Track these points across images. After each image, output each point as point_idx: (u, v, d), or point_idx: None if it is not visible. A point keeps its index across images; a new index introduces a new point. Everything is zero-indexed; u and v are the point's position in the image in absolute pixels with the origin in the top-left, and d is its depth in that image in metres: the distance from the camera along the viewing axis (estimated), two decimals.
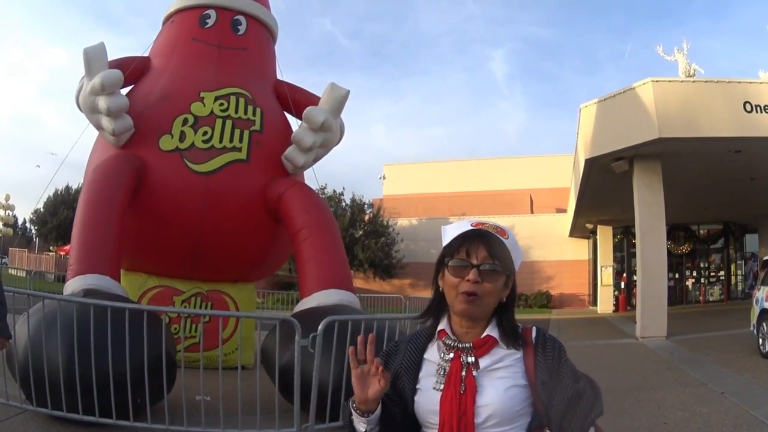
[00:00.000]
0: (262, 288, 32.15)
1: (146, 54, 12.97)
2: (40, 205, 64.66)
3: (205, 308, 11.82)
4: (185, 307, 11.65)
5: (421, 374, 2.64)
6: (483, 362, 2.53)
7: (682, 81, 22.14)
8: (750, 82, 21.18)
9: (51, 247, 64.26)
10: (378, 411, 2.50)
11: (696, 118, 20.67)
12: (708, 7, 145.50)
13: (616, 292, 42.72)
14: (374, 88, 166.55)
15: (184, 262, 11.50)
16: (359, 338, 2.58)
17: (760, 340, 16.13)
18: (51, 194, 65.95)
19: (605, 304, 42.33)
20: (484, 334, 2.57)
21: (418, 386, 2.62)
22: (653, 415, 9.99)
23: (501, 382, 2.50)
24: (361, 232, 50.00)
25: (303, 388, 7.84)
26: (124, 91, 11.73)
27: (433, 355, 2.65)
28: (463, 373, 2.50)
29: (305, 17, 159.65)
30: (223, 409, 7.79)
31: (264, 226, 11.70)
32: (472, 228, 2.60)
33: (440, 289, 2.70)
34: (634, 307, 38.04)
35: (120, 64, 11.56)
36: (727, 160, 23.78)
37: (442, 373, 2.55)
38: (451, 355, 2.57)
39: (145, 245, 11.36)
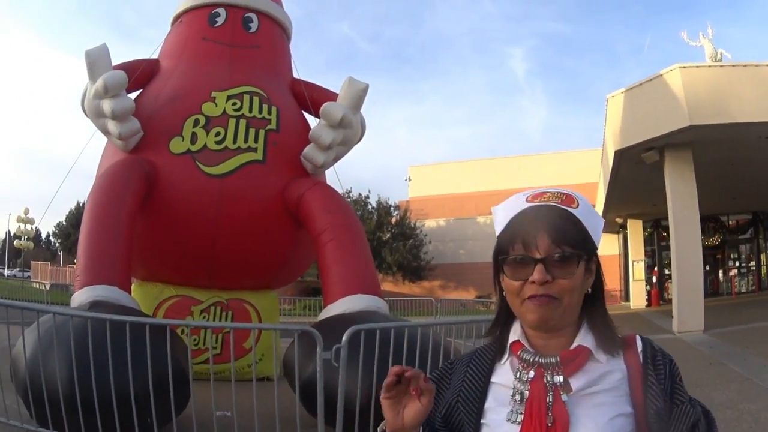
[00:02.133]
0: (290, 294, 31.82)
1: (155, 56, 12.40)
2: (62, 218, 65.16)
3: (226, 318, 11.24)
4: (204, 317, 11.04)
5: (488, 404, 1.91)
6: (575, 383, 1.80)
7: (710, 66, 21.64)
8: None
9: (74, 260, 64.61)
10: None
11: (726, 104, 19.92)
12: None
13: (648, 287, 41.84)
14: (395, 91, 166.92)
15: (200, 270, 10.87)
16: (391, 371, 1.78)
17: None
18: (73, 207, 66.41)
19: (638, 299, 41.55)
20: (574, 345, 1.85)
21: (483, 421, 1.90)
22: None
23: (601, 411, 1.77)
24: (388, 235, 49.64)
25: (328, 405, 7.08)
26: (133, 95, 11.18)
27: (504, 376, 1.93)
28: (550, 399, 1.78)
29: (323, 22, 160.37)
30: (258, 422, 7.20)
31: (284, 229, 11.03)
32: (527, 205, 1.89)
33: (504, 293, 1.95)
34: (666, 301, 37.51)
35: (127, 66, 10.97)
36: (757, 147, 22.85)
37: (519, 399, 1.82)
38: (531, 374, 1.84)
39: (159, 253, 10.77)
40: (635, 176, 26.79)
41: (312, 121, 12.33)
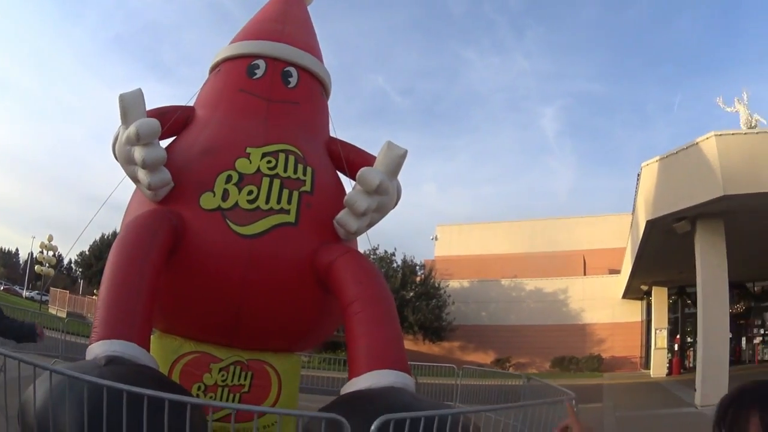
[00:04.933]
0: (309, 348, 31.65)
1: (191, 104, 12.14)
2: (85, 247, 66.00)
3: (245, 377, 10.72)
4: (223, 375, 10.52)
5: None
6: None
7: (745, 133, 21.43)
8: None
9: (95, 291, 65.12)
10: None
11: (761, 172, 19.66)
12: (762, 52, 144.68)
13: (669, 355, 41.39)
14: (426, 146, 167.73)
15: (223, 329, 10.41)
16: None
17: None
18: (98, 238, 67.29)
19: (658, 367, 41.09)
20: None
21: None
22: None
23: None
24: (411, 294, 49.38)
25: None
26: (165, 143, 10.89)
27: None
28: None
29: (358, 73, 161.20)
30: None
31: (312, 296, 10.56)
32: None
33: None
34: (687, 369, 37.14)
35: (161, 113, 10.69)
36: None
37: None
38: None
39: (181, 309, 10.36)
40: (665, 245, 26.64)
41: (346, 181, 12.01)
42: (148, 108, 10.25)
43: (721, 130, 20.44)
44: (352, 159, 11.93)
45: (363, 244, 13.51)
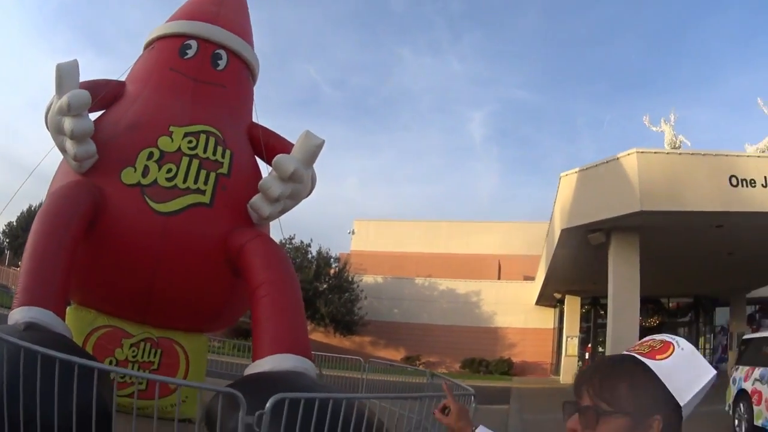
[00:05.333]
0: (221, 333, 31.58)
1: (123, 78, 12.27)
2: (12, 218, 65.31)
3: (155, 354, 11.07)
4: (133, 351, 10.85)
5: None
6: None
7: (668, 153, 22.26)
8: (737, 155, 21.49)
9: (20, 262, 64.35)
10: None
11: (680, 191, 20.49)
12: (694, 77, 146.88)
13: (580, 362, 42.23)
14: (352, 140, 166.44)
15: (135, 305, 10.70)
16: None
17: (736, 421, 15.90)
18: (25, 209, 66.61)
19: (568, 374, 41.97)
20: None
21: None
22: None
23: None
24: (325, 286, 49.39)
25: None
26: (94, 115, 11.05)
27: None
28: None
29: (291, 61, 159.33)
30: None
31: (222, 277, 10.87)
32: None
33: None
34: None
35: (93, 86, 10.84)
36: (708, 235, 23.56)
37: None
38: None
39: (96, 282, 10.60)
40: (579, 255, 27.22)
41: (264, 168, 12.32)
42: (82, 80, 10.41)
43: (644, 148, 20.97)
44: (271, 145, 12.23)
45: (278, 232, 13.69)
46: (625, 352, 1.98)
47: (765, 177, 20.45)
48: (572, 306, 43.24)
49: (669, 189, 20.59)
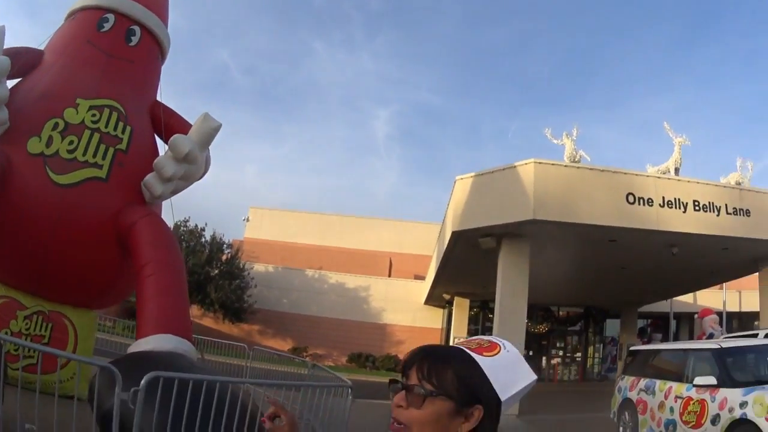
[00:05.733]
0: (113, 313, 31.34)
1: (42, 47, 12.31)
2: None
3: (46, 328, 11.23)
4: (27, 324, 11.02)
5: None
6: None
7: (566, 165, 22.46)
8: (636, 174, 22.26)
9: None
10: None
11: (575, 204, 21.16)
12: (603, 96, 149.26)
13: None
14: (256, 128, 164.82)
15: (30, 276, 10.89)
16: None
17: (621, 428, 16.47)
18: None
19: None
20: None
21: None
22: None
23: None
24: (216, 272, 49.01)
25: None
26: (12, 83, 11.10)
27: None
28: None
29: (205, 43, 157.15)
30: None
31: (111, 253, 11.09)
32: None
33: None
34: None
35: (14, 53, 10.92)
36: (601, 248, 24.48)
37: None
38: None
39: None
40: (469, 258, 27.55)
41: (163, 147, 12.41)
42: (6, 47, 10.45)
43: (542, 159, 21.31)
44: (171, 124, 12.50)
45: (170, 214, 13.74)
46: (455, 345, 2.14)
47: (663, 197, 21.31)
48: (461, 308, 43.83)
49: (564, 200, 21.13)
